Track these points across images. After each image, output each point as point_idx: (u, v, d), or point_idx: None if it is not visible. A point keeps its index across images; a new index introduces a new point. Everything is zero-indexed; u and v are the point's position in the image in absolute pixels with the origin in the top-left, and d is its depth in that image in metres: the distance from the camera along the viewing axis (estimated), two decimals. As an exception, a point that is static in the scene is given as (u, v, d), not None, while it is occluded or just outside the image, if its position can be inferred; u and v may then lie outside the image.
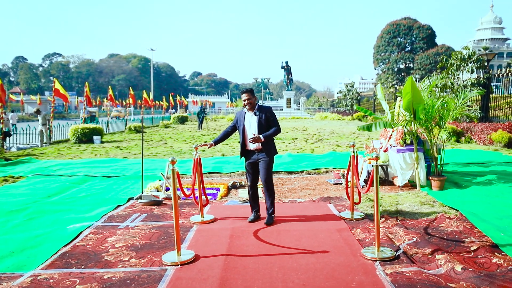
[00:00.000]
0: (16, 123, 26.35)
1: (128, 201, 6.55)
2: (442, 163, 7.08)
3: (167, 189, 6.81)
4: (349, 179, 5.67)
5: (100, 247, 4.30)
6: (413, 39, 78.39)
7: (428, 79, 8.91)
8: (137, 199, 6.61)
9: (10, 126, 24.68)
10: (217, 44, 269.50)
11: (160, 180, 8.12)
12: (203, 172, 9.50)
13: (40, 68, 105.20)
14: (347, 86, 48.90)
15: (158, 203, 6.18)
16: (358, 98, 47.04)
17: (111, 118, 30.38)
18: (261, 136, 4.99)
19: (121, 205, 6.24)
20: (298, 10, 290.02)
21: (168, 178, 7.13)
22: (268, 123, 5.17)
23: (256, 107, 5.22)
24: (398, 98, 8.28)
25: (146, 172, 8.93)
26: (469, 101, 7.16)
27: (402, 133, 7.31)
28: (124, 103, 34.46)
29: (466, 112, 7.46)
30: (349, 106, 47.21)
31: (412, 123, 6.95)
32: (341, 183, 7.89)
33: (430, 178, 7.05)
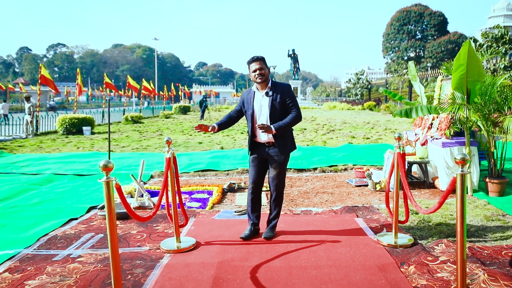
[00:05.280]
0: (8, 113, 24.88)
1: (88, 211, 4.94)
2: (504, 159, 5.39)
3: (141, 195, 5.20)
4: (390, 184, 4.00)
5: (6, 301, 2.71)
6: (424, 26, 75.64)
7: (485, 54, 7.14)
8: (101, 208, 5.02)
9: (1, 116, 23.31)
10: (222, 34, 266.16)
11: (144, 181, 6.53)
12: (196, 170, 8.00)
13: (45, 59, 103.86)
14: (356, 74, 46.87)
15: (123, 216, 4.56)
16: (369, 86, 45.09)
17: None
18: (272, 126, 3.52)
19: (76, 218, 4.63)
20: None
21: (143, 182, 5.54)
22: (285, 107, 3.68)
23: (269, 84, 3.69)
24: (439, 78, 6.57)
25: (123, 170, 7.33)
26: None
27: (449, 122, 5.62)
28: (128, 93, 32.75)
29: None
30: (359, 96, 45.28)
31: (465, 109, 5.24)
32: (366, 185, 6.23)
33: (487, 180, 5.38)
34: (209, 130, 3.61)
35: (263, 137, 3.68)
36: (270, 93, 3.67)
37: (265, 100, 3.68)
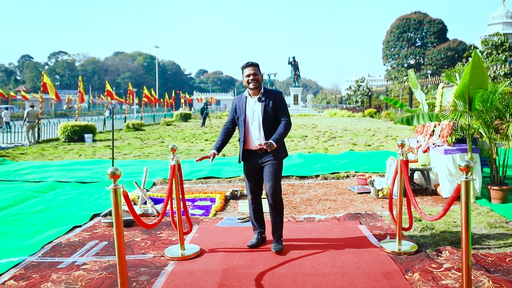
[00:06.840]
0: (9, 121, 24.95)
1: (91, 218, 4.96)
2: (506, 166, 5.40)
3: (144, 203, 5.22)
4: (392, 192, 4.02)
5: (12, 308, 2.71)
6: (423, 33, 75.85)
7: (485, 61, 7.21)
8: (104, 215, 5.03)
9: (3, 124, 23.37)
10: (223, 42, 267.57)
11: (147, 189, 6.54)
12: (198, 177, 8.01)
13: (46, 67, 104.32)
14: (357, 82, 47.04)
15: (128, 223, 4.57)
16: (369, 94, 45.22)
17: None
18: (272, 141, 3.49)
19: (80, 226, 4.65)
20: (304, 7, 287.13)
21: (145, 189, 5.55)
22: (276, 112, 3.69)
23: (262, 90, 3.72)
24: (441, 85, 6.61)
25: (126, 177, 7.34)
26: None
27: (451, 129, 5.64)
28: (129, 101, 32.75)
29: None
30: (359, 103, 45.39)
31: (467, 116, 5.27)
32: (369, 192, 6.24)
33: (489, 187, 5.39)
34: (211, 159, 3.59)
35: (255, 145, 3.66)
36: (263, 98, 3.68)
37: (257, 105, 3.69)
